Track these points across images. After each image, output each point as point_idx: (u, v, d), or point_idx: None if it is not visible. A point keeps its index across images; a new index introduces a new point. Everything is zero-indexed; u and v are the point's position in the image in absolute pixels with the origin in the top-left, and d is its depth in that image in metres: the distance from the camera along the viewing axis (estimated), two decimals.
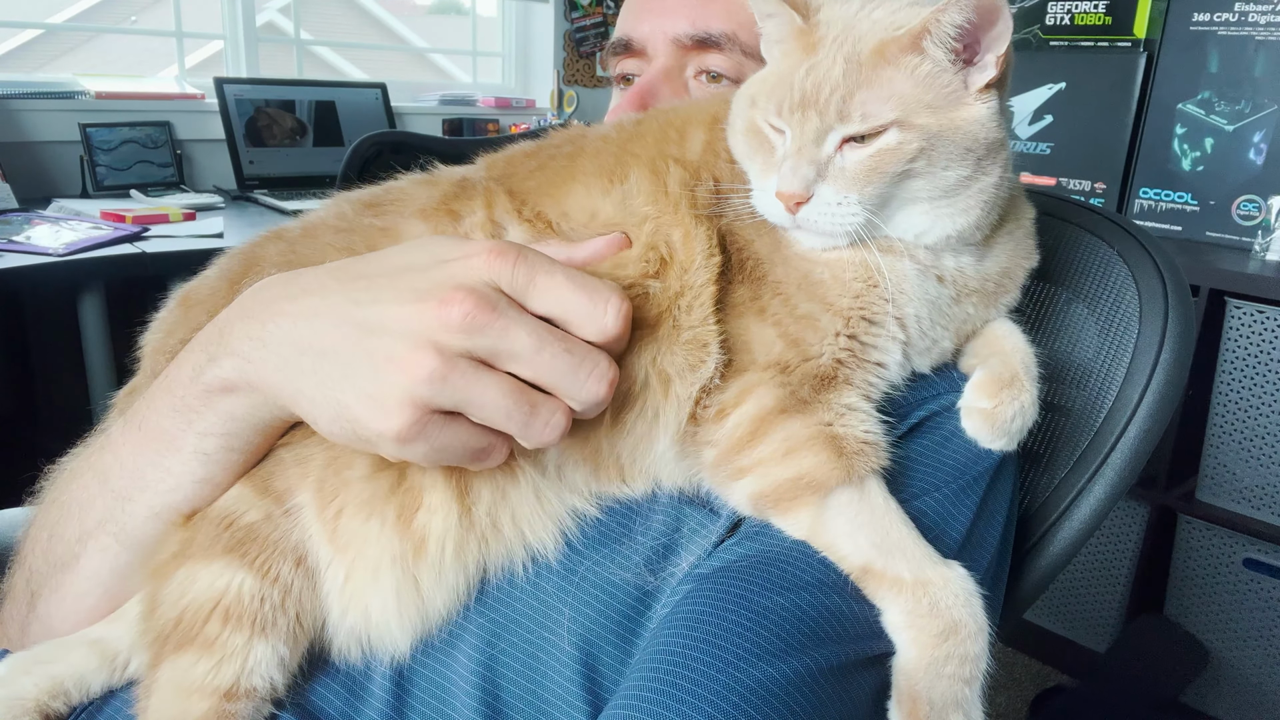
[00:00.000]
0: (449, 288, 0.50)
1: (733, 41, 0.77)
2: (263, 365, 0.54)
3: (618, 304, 0.52)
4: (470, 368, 0.50)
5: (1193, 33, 2.02)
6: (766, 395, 0.57)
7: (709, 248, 0.58)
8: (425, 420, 0.50)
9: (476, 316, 0.50)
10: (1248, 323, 1.77)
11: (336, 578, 0.56)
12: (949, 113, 0.55)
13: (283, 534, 0.56)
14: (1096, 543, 2.06)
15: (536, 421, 0.51)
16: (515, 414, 0.51)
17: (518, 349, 0.51)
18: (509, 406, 0.51)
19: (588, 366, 0.52)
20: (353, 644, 0.57)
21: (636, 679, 0.51)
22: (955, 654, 0.53)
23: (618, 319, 0.52)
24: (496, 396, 0.51)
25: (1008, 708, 2.04)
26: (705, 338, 0.57)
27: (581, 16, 3.50)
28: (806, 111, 0.55)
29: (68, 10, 3.52)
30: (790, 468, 0.56)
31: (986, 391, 0.62)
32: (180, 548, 0.57)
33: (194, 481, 0.58)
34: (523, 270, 0.52)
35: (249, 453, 0.58)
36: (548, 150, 0.66)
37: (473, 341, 0.50)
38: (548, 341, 0.51)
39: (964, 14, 0.53)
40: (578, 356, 0.52)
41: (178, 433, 0.57)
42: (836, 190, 0.55)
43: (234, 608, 0.54)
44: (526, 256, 0.52)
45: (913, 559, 0.54)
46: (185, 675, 0.53)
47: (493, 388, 0.51)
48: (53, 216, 2.11)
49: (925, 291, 0.60)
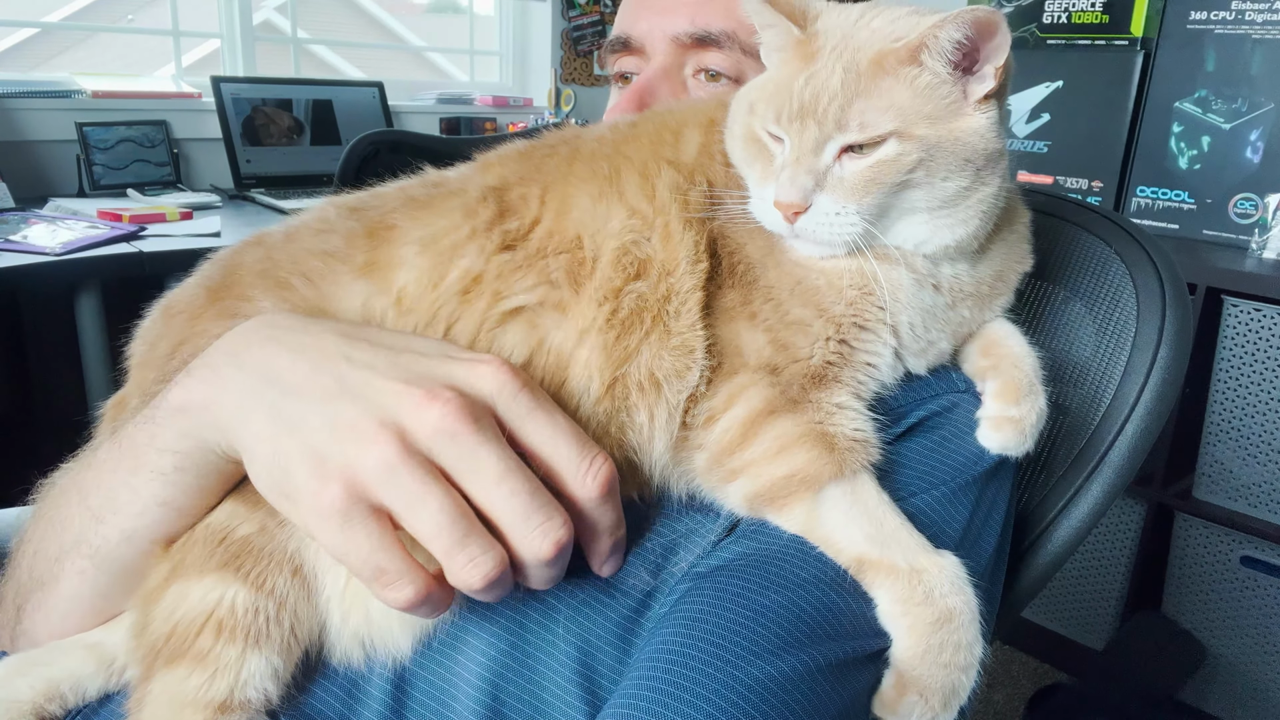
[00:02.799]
0: (442, 384, 0.49)
1: (732, 40, 0.76)
2: (227, 384, 0.53)
3: (605, 469, 0.51)
4: (422, 470, 0.47)
5: (1190, 31, 2.02)
6: (756, 397, 0.57)
7: (695, 253, 0.58)
8: (353, 504, 0.47)
9: (454, 422, 0.47)
10: (1245, 321, 1.77)
11: (336, 584, 0.56)
12: (948, 123, 0.55)
13: (278, 545, 0.55)
14: (1094, 541, 2.06)
15: (463, 552, 0.47)
16: (444, 534, 0.47)
17: (481, 470, 0.48)
18: (441, 523, 0.47)
19: (542, 517, 0.48)
20: (355, 648, 0.57)
21: (635, 679, 0.51)
22: (950, 641, 0.53)
23: (599, 483, 0.51)
24: (434, 509, 0.47)
25: (1005, 705, 2.04)
26: (692, 343, 0.57)
27: (579, 15, 3.50)
28: (805, 121, 0.55)
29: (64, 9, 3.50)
30: (782, 466, 0.56)
31: (1010, 399, 0.63)
32: (170, 571, 0.56)
33: (158, 504, 0.56)
34: (526, 399, 0.50)
35: (202, 478, 0.56)
36: (541, 151, 0.65)
37: (440, 447, 0.48)
38: (513, 476, 0.48)
39: (961, 30, 0.53)
40: (537, 503, 0.48)
41: (143, 447, 0.56)
42: (835, 200, 0.55)
43: (227, 620, 0.53)
44: (534, 386, 0.51)
45: (907, 548, 0.55)
46: (178, 689, 0.52)
47: (435, 498, 0.47)
48: (49, 216, 2.10)
49: (920, 300, 0.60)
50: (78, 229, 1.99)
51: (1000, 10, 2.42)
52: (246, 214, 2.38)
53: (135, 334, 0.67)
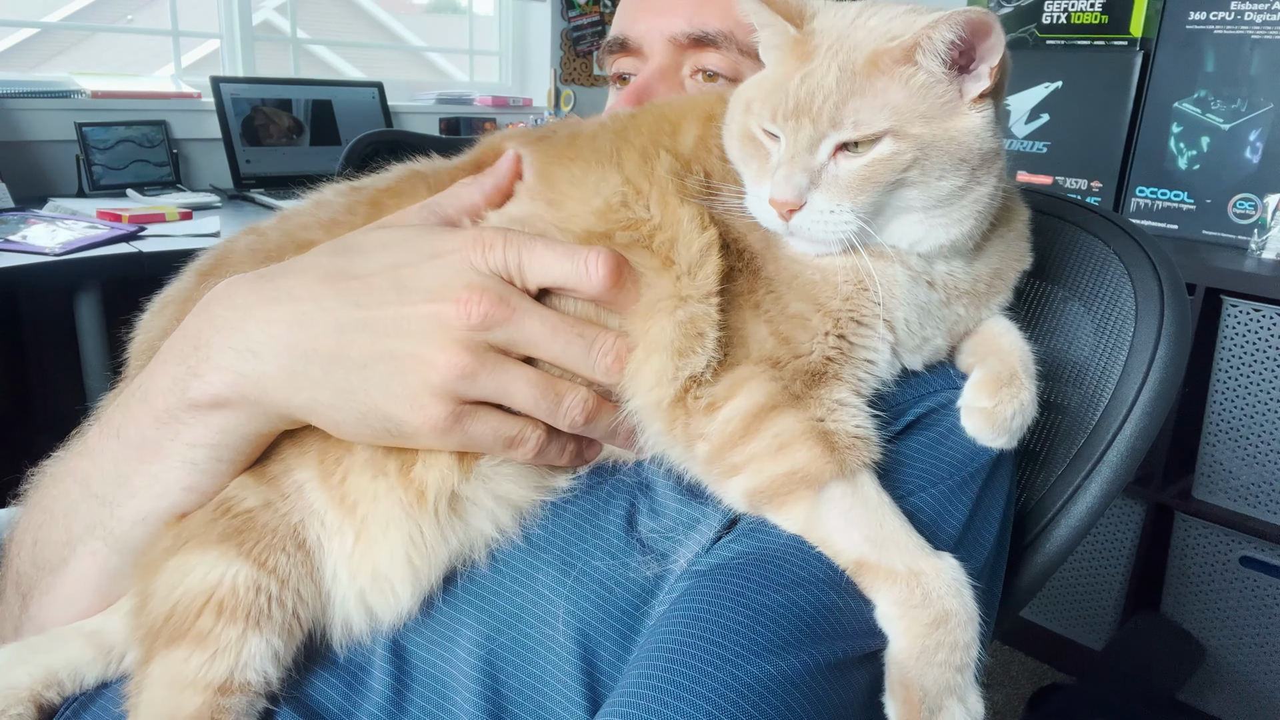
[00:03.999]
0: (459, 287, 0.54)
1: (729, 40, 0.77)
2: (262, 379, 0.54)
3: (596, 256, 0.55)
4: (497, 360, 0.54)
5: (1189, 31, 2.02)
6: (759, 390, 0.57)
7: (701, 220, 0.59)
8: (460, 411, 0.54)
9: (493, 313, 0.53)
10: (1244, 321, 1.77)
11: (345, 544, 0.57)
12: (943, 123, 0.55)
13: (281, 518, 0.57)
14: (1093, 541, 2.06)
15: (564, 404, 0.56)
16: (544, 400, 0.55)
17: (534, 337, 0.55)
18: (536, 394, 0.55)
19: (598, 346, 0.56)
20: (358, 612, 0.58)
21: (634, 675, 0.51)
22: (946, 642, 0.53)
23: (602, 268, 0.55)
24: (524, 386, 0.55)
25: (1004, 705, 2.04)
26: (703, 326, 0.57)
27: (578, 15, 3.50)
28: (800, 119, 0.55)
29: (63, 9, 3.50)
30: (783, 463, 0.56)
31: (986, 390, 0.62)
32: (173, 541, 0.57)
33: (181, 489, 0.58)
34: (511, 253, 0.55)
35: (238, 462, 0.59)
36: (541, 134, 0.67)
37: (493, 335, 0.54)
38: (560, 327, 0.55)
39: (955, 31, 0.53)
40: (588, 337, 0.56)
41: (164, 442, 0.57)
42: (829, 199, 0.55)
43: (228, 600, 0.54)
44: (510, 239, 0.55)
45: (905, 550, 0.55)
46: (178, 670, 0.53)
47: (520, 378, 0.55)
48: (49, 216, 2.10)
49: (915, 297, 0.60)
50: (77, 229, 1.99)
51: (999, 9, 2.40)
52: (246, 214, 2.38)
53: (136, 326, 0.69)
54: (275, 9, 3.46)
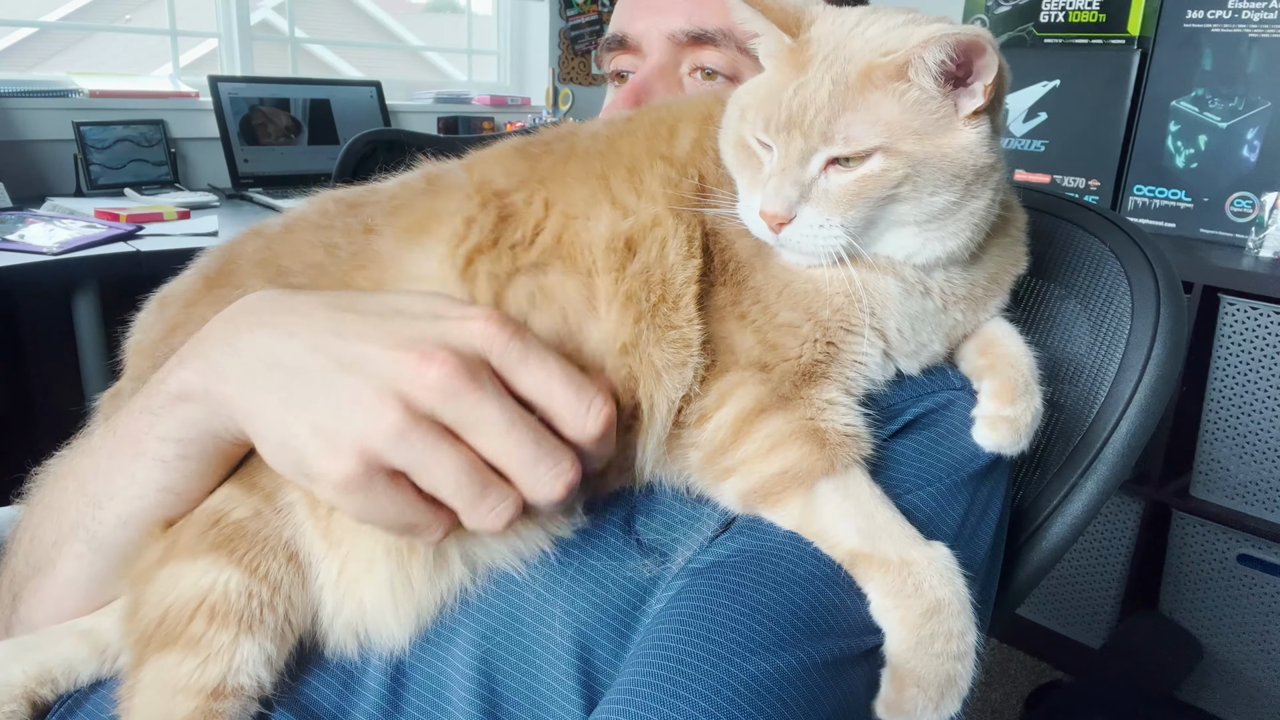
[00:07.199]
0: (436, 344, 0.49)
1: (728, 38, 0.76)
2: (226, 373, 0.53)
3: (602, 406, 0.51)
4: (431, 432, 0.48)
5: (1186, 30, 2.02)
6: (746, 396, 0.57)
7: (688, 250, 0.58)
8: (371, 474, 0.48)
9: (454, 381, 0.48)
10: (1241, 319, 1.77)
11: (330, 572, 0.56)
12: (936, 139, 0.55)
13: (273, 530, 0.56)
14: (1091, 539, 2.06)
15: (484, 504, 0.49)
16: (464, 490, 0.49)
17: (486, 424, 0.49)
18: (460, 481, 0.49)
19: (551, 461, 0.50)
20: (349, 637, 0.57)
21: (631, 674, 0.51)
22: (941, 631, 0.53)
23: (599, 421, 0.51)
24: (450, 468, 0.49)
25: (1002, 704, 2.04)
26: (690, 337, 0.57)
27: (577, 14, 3.50)
28: (792, 131, 0.55)
29: (62, 9, 3.50)
30: (775, 463, 0.56)
31: (1006, 399, 0.63)
32: (164, 553, 0.56)
33: (157, 490, 0.57)
34: (517, 347, 0.50)
35: (206, 466, 0.57)
36: (538, 146, 0.65)
37: (443, 406, 0.48)
38: (518, 425, 0.49)
39: (945, 51, 0.53)
40: (544, 449, 0.50)
41: (142, 436, 0.57)
42: (819, 213, 0.55)
43: (220, 605, 0.53)
44: (524, 335, 0.51)
45: (897, 541, 0.55)
46: (170, 675, 0.52)
47: (448, 457, 0.49)
48: (47, 215, 2.10)
49: (908, 307, 0.60)
50: (75, 228, 1.98)
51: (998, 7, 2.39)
52: (244, 213, 2.38)
53: (132, 325, 0.68)
54: (273, 8, 3.46)
